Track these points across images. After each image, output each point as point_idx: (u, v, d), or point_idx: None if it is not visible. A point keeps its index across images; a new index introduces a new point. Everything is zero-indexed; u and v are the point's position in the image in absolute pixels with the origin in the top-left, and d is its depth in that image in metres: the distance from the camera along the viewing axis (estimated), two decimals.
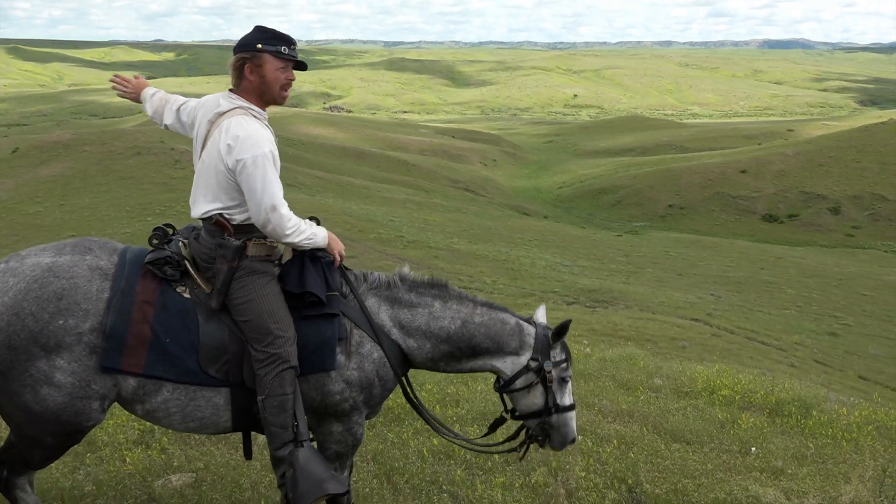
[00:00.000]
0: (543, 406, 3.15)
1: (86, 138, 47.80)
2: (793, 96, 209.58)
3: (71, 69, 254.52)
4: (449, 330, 3.10)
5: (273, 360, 2.80)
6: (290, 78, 2.91)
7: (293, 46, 2.88)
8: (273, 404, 2.80)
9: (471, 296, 3.23)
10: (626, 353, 8.47)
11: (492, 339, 3.12)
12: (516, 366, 3.13)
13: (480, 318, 3.13)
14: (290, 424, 2.84)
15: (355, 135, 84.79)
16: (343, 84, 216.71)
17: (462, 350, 3.13)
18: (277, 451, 2.86)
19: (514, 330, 3.15)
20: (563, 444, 3.25)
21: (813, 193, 59.03)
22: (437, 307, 3.12)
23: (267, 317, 2.83)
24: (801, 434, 5.53)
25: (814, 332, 22.41)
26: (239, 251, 2.86)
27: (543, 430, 3.20)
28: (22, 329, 2.61)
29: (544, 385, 3.13)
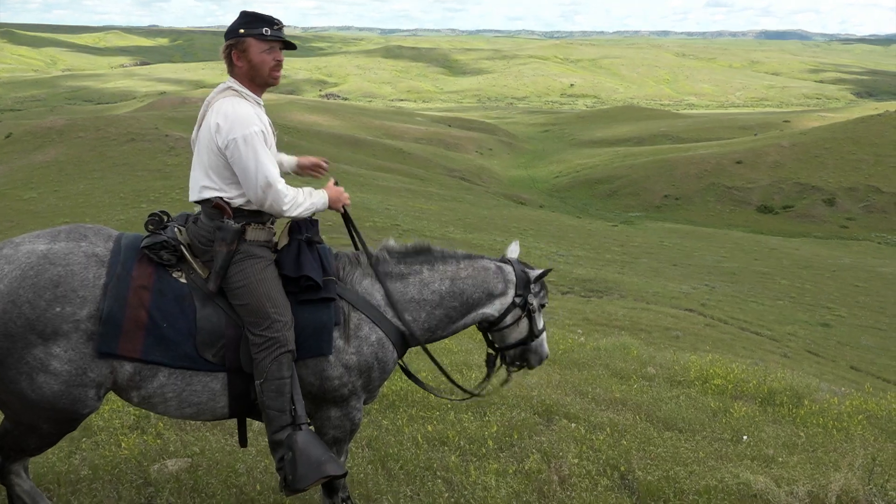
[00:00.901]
0: (528, 334, 3.36)
1: (80, 124, 47.54)
2: (789, 87, 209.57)
3: (65, 54, 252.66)
4: (441, 291, 3.19)
5: (271, 343, 2.81)
6: (278, 58, 2.91)
7: (277, 27, 2.87)
8: (271, 388, 2.81)
9: (451, 251, 3.33)
10: (619, 343, 8.52)
11: (481, 289, 3.26)
12: (503, 305, 3.29)
13: (466, 272, 3.25)
14: (288, 408, 2.85)
15: (351, 123, 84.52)
16: (339, 72, 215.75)
17: (456, 309, 3.23)
18: (275, 435, 2.87)
19: (497, 273, 3.31)
20: (540, 362, 3.48)
21: (808, 185, 59.16)
22: (426, 273, 3.21)
23: (265, 300, 2.84)
24: (793, 423, 5.58)
25: (807, 322, 22.53)
26: (238, 234, 2.87)
27: (523, 356, 3.42)
28: (18, 316, 2.60)
29: (529, 316, 3.34)
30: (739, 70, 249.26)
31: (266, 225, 2.97)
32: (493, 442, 4.30)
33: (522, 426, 4.62)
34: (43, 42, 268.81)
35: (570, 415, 5.00)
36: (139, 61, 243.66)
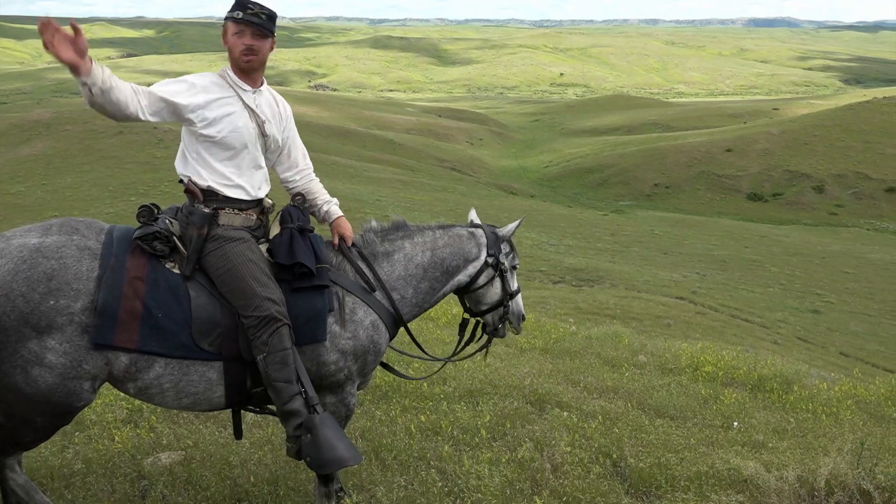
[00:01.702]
0: (502, 295, 3.46)
1: (67, 117, 47.14)
2: (778, 75, 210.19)
3: None
4: (423, 263, 3.28)
5: (266, 321, 2.81)
6: (245, 42, 2.89)
7: (250, 10, 2.86)
8: (275, 360, 2.82)
9: (425, 224, 3.43)
10: (611, 331, 8.56)
11: (458, 255, 3.36)
12: (475, 267, 3.39)
13: (443, 241, 3.35)
14: (294, 378, 2.86)
15: (340, 114, 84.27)
16: (328, 62, 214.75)
17: (438, 279, 3.32)
18: (286, 405, 2.87)
19: (470, 238, 3.42)
20: (520, 322, 3.57)
21: (797, 172, 59.47)
22: (408, 247, 3.29)
23: (251, 281, 2.84)
24: (783, 409, 5.63)
25: (797, 309, 22.70)
26: (207, 218, 2.88)
27: (502, 319, 3.51)
28: (12, 310, 2.59)
29: (501, 276, 3.44)
30: (729, 58, 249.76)
31: (245, 212, 2.98)
32: (485, 431, 4.32)
33: (515, 415, 4.65)
34: (28, 34, 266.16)
35: (562, 403, 5.03)
36: (126, 53, 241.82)
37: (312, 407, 2.88)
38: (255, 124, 2.96)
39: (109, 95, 2.62)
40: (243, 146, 2.93)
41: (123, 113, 2.67)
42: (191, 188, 2.92)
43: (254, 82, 2.99)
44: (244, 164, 2.96)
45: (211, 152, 2.91)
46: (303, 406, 2.87)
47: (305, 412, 2.87)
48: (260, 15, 2.87)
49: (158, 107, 2.78)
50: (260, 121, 2.98)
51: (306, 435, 2.83)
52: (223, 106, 2.89)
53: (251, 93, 2.98)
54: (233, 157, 2.93)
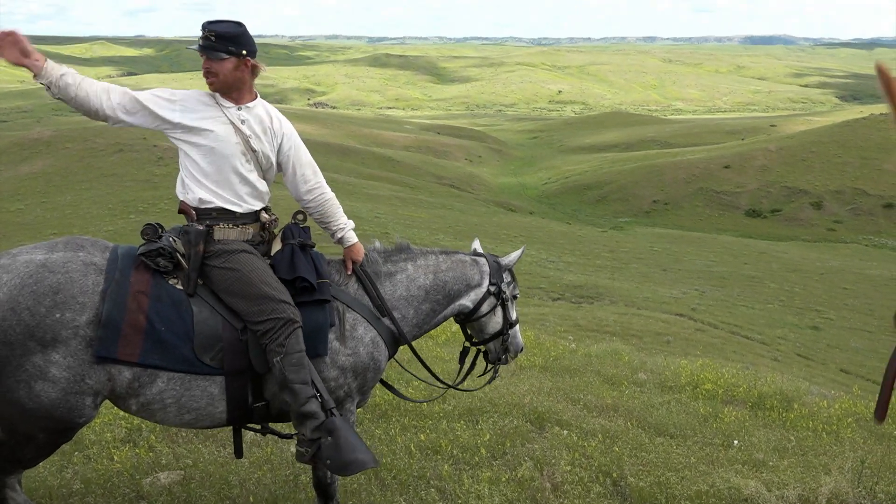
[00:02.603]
0: (503, 324, 3.51)
1: (67, 135, 47.32)
2: (775, 92, 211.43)
3: None
4: (426, 286, 3.31)
5: (282, 323, 2.84)
6: (203, 66, 2.99)
7: (203, 34, 2.95)
8: (291, 362, 2.84)
9: (429, 248, 3.48)
10: (611, 349, 8.55)
11: (461, 280, 3.40)
12: (478, 295, 3.43)
13: (446, 265, 3.40)
14: (309, 379, 2.89)
15: (339, 131, 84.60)
16: (327, 80, 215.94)
17: (439, 302, 3.36)
18: (303, 407, 2.87)
19: (473, 265, 3.46)
20: (517, 354, 3.62)
21: (795, 188, 59.65)
22: (411, 269, 3.33)
23: (261, 284, 2.88)
24: (783, 427, 5.61)
25: (796, 326, 22.68)
26: (202, 235, 2.92)
27: (503, 347, 3.55)
28: (18, 323, 2.60)
29: (503, 306, 3.49)
30: (726, 75, 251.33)
31: (240, 226, 3.01)
32: (485, 450, 4.31)
33: (515, 434, 4.64)
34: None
35: (562, 422, 5.02)
36: (126, 72, 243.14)
37: (329, 410, 2.90)
38: (240, 139, 2.99)
39: (67, 92, 2.79)
40: (225, 159, 2.96)
41: (88, 108, 2.84)
42: (184, 207, 2.99)
43: (236, 100, 3.02)
44: (229, 177, 2.99)
45: (195, 166, 2.97)
46: (319, 408, 2.89)
47: (322, 414, 2.89)
48: (209, 37, 2.93)
49: (133, 107, 2.89)
50: (245, 136, 3.00)
51: (326, 437, 2.86)
52: (204, 120, 2.95)
53: (235, 109, 3.01)
54: (216, 171, 2.97)
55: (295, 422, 2.94)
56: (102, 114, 2.85)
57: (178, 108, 2.93)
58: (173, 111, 2.92)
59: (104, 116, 2.87)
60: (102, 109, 2.84)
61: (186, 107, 2.95)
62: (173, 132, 2.96)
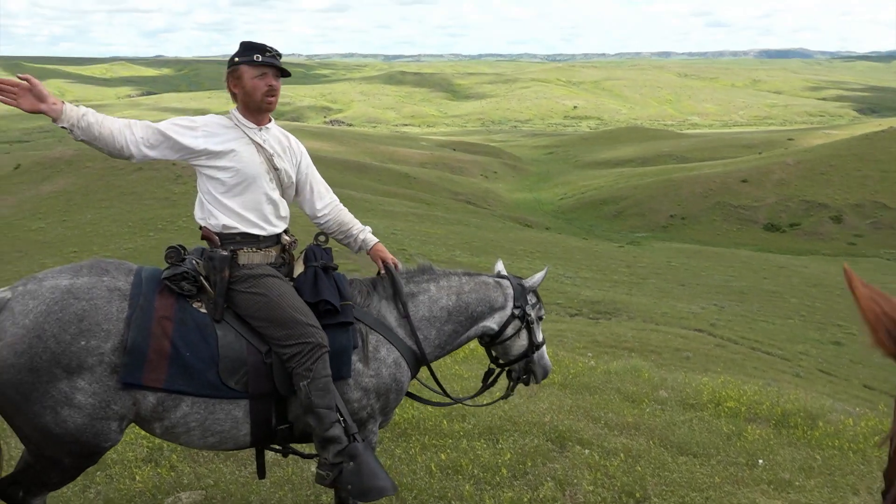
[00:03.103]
0: (528, 347, 3.46)
1: (87, 154, 47.88)
2: (792, 106, 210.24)
3: (72, 86, 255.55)
4: (448, 307, 3.29)
5: (310, 347, 2.85)
6: (269, 83, 2.97)
7: (269, 54, 2.97)
8: (318, 387, 2.84)
9: (451, 270, 3.46)
10: (630, 365, 8.47)
11: (484, 302, 3.36)
12: (502, 318, 3.40)
13: (469, 286, 3.37)
14: (335, 405, 2.89)
15: (356, 148, 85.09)
16: (343, 98, 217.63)
17: (462, 323, 3.33)
18: (327, 432, 2.88)
19: (497, 287, 3.43)
20: (545, 375, 3.59)
21: (814, 202, 59.12)
22: (433, 290, 3.31)
23: (289, 309, 2.88)
24: (808, 445, 5.52)
25: (818, 341, 22.39)
26: (227, 261, 2.92)
27: (527, 370, 3.51)
28: (44, 351, 2.62)
29: (528, 328, 3.45)
30: (742, 89, 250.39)
31: (263, 250, 3.02)
32: (506, 470, 4.28)
33: (536, 453, 4.60)
34: (50, 74, 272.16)
35: (583, 441, 4.97)
36: (144, 91, 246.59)
37: (352, 436, 2.90)
38: (264, 158, 3.02)
39: (91, 132, 2.74)
40: (252, 180, 2.98)
41: (112, 147, 2.79)
42: (207, 234, 2.99)
43: (259, 121, 3.06)
44: (255, 198, 3.00)
45: (220, 190, 2.97)
46: (342, 433, 2.89)
47: (345, 439, 2.89)
48: (276, 57, 2.99)
49: (156, 140, 2.88)
50: (268, 154, 3.03)
51: (349, 462, 2.86)
52: (227, 142, 2.96)
53: (257, 130, 3.05)
54: (242, 192, 2.98)
55: (318, 445, 2.94)
56: (127, 151, 2.83)
57: (200, 135, 2.94)
58: (196, 138, 2.93)
59: (128, 154, 2.85)
60: (127, 146, 2.82)
61: (209, 132, 2.96)
62: (197, 159, 2.96)
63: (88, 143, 2.78)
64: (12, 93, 2.64)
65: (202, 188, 3.01)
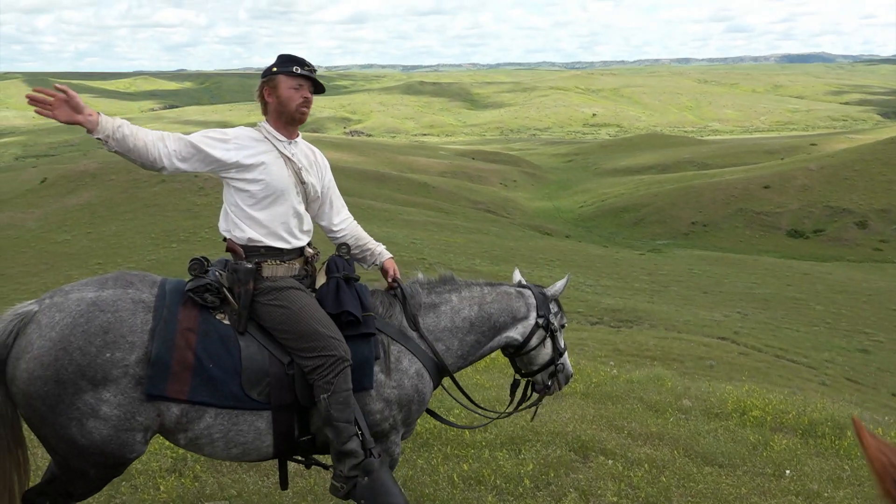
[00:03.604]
0: (553, 355, 3.46)
1: (112, 167, 48.60)
2: (814, 110, 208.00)
3: (97, 100, 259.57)
4: (470, 317, 3.28)
5: (332, 361, 2.86)
6: (305, 95, 3.03)
7: (308, 68, 3.03)
8: (338, 400, 2.86)
9: (473, 280, 3.45)
10: (653, 374, 8.39)
11: (507, 312, 3.35)
12: (526, 328, 3.38)
13: (491, 297, 3.36)
14: (353, 419, 2.90)
15: (375, 158, 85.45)
16: (363, 108, 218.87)
17: (485, 333, 3.32)
18: (344, 446, 2.89)
19: (519, 297, 3.41)
20: (567, 381, 3.59)
21: (838, 208, 58.32)
22: (455, 300, 3.31)
23: (312, 321, 2.90)
24: (836, 455, 5.43)
25: (844, 349, 22.02)
26: (251, 273, 2.94)
27: (552, 377, 3.50)
28: (70, 363, 2.65)
29: (552, 337, 3.44)
30: (763, 94, 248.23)
31: (287, 262, 3.03)
32: (529, 480, 4.25)
33: (558, 464, 4.56)
34: (76, 89, 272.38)
35: (606, 451, 4.92)
36: (167, 105, 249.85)
37: (369, 450, 2.91)
38: (292, 172, 3.04)
39: (125, 143, 2.77)
40: (280, 193, 3.00)
41: (145, 158, 2.81)
42: (232, 246, 3.01)
43: (290, 134, 3.10)
44: (282, 211, 3.03)
45: (248, 203, 2.99)
46: (359, 447, 2.90)
47: (362, 453, 2.90)
48: (314, 70, 3.05)
49: (188, 153, 2.90)
50: (297, 168, 3.06)
51: (363, 478, 2.86)
52: (258, 155, 2.99)
53: (287, 143, 3.08)
54: (270, 205, 3.00)
55: (334, 458, 2.95)
56: (160, 163, 2.85)
57: (232, 147, 2.96)
58: (228, 150, 2.95)
59: (161, 166, 2.86)
60: (160, 159, 2.84)
61: (240, 144, 2.98)
62: (227, 172, 2.98)
63: (122, 155, 2.81)
64: (49, 104, 2.69)
65: (229, 200, 3.03)
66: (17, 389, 2.69)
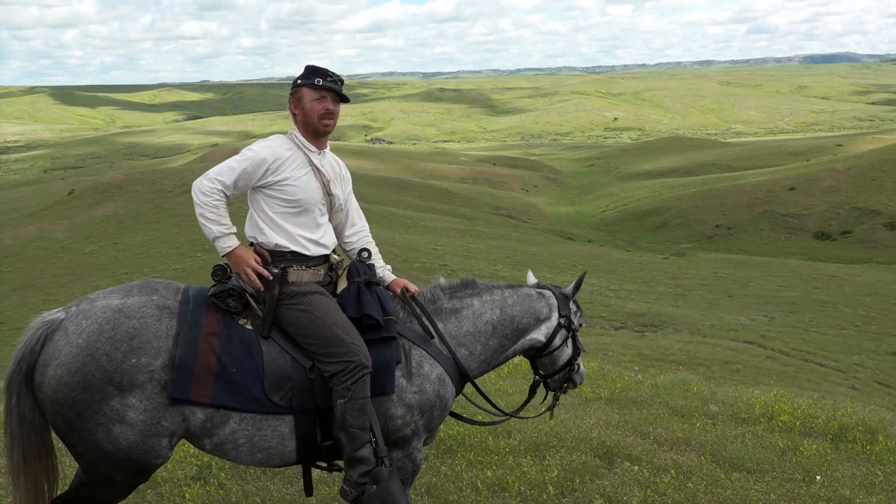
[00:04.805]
0: (573, 354, 3.48)
1: (137, 178, 49.33)
2: (840, 111, 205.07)
3: (122, 112, 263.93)
4: (493, 321, 3.28)
5: (354, 367, 2.87)
6: (326, 107, 3.05)
7: (329, 78, 3.05)
8: (355, 407, 2.87)
9: (494, 283, 3.44)
10: (678, 379, 8.30)
11: (530, 314, 3.35)
12: (550, 328, 3.38)
13: (513, 300, 3.36)
14: (368, 426, 2.91)
15: (396, 166, 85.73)
16: (383, 116, 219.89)
17: (508, 336, 3.32)
18: (357, 452, 2.90)
19: (540, 298, 3.41)
20: (582, 379, 3.61)
21: (866, 209, 57.38)
22: (477, 304, 3.31)
23: (334, 327, 2.92)
24: (868, 461, 5.32)
25: (874, 352, 21.64)
26: (277, 278, 2.98)
27: (568, 378, 3.51)
28: (97, 369, 2.69)
29: (573, 336, 3.46)
30: (787, 96, 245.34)
31: (312, 268, 3.06)
32: (553, 487, 4.21)
33: (584, 470, 4.52)
34: (102, 102, 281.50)
35: (632, 457, 4.87)
36: (190, 115, 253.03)
37: (381, 458, 2.91)
38: (321, 183, 3.09)
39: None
40: (310, 204, 3.06)
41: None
42: (259, 250, 3.05)
43: (321, 145, 3.15)
44: (309, 221, 3.08)
45: (277, 211, 3.04)
46: (371, 455, 2.91)
47: (374, 461, 2.90)
48: (338, 82, 3.08)
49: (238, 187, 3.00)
50: (325, 180, 3.10)
51: (372, 486, 2.86)
52: (291, 167, 3.03)
53: (317, 154, 3.12)
54: (299, 215, 3.06)
55: (346, 462, 2.96)
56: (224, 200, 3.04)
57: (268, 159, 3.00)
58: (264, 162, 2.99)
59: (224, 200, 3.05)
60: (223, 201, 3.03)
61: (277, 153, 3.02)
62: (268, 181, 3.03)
63: None
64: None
65: (256, 206, 3.08)
66: (45, 396, 2.73)
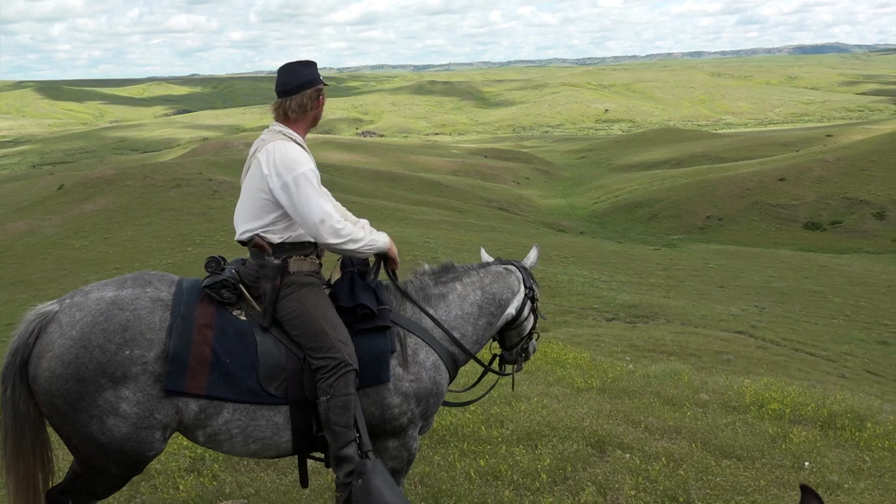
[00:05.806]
0: (534, 323, 3.61)
1: (127, 173, 49.02)
2: (829, 101, 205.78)
3: (111, 107, 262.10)
4: (477, 301, 3.35)
5: (336, 364, 2.88)
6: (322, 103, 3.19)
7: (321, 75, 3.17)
8: (338, 405, 2.88)
9: (469, 264, 3.53)
10: (669, 369, 8.35)
11: (507, 289, 3.44)
12: (519, 300, 3.47)
13: (489, 278, 3.44)
14: (353, 423, 2.93)
15: (388, 159, 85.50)
16: (374, 109, 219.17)
17: (493, 314, 3.39)
18: (341, 451, 2.92)
19: (508, 273, 3.51)
20: (535, 349, 3.72)
21: (856, 199, 57.70)
22: (459, 287, 3.37)
23: (323, 322, 2.93)
24: (857, 447, 5.38)
25: (864, 341, 21.81)
26: (280, 269, 2.99)
27: (524, 349, 3.61)
28: (90, 361, 2.70)
29: (534, 306, 3.58)
30: (777, 86, 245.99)
31: (309, 257, 3.09)
32: (546, 475, 4.25)
33: (576, 458, 4.56)
34: (90, 96, 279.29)
35: (623, 445, 4.91)
36: (180, 109, 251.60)
37: (364, 453, 2.92)
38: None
39: None
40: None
41: None
42: (259, 243, 3.03)
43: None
44: None
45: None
46: (355, 452, 2.92)
47: (357, 458, 2.92)
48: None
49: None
50: (318, 172, 3.12)
51: (357, 480, 2.87)
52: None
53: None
54: None
55: (332, 462, 2.98)
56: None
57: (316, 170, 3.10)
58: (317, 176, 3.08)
59: None
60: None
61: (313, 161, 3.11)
62: None
63: None
64: None
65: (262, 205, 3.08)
66: (39, 388, 2.74)
